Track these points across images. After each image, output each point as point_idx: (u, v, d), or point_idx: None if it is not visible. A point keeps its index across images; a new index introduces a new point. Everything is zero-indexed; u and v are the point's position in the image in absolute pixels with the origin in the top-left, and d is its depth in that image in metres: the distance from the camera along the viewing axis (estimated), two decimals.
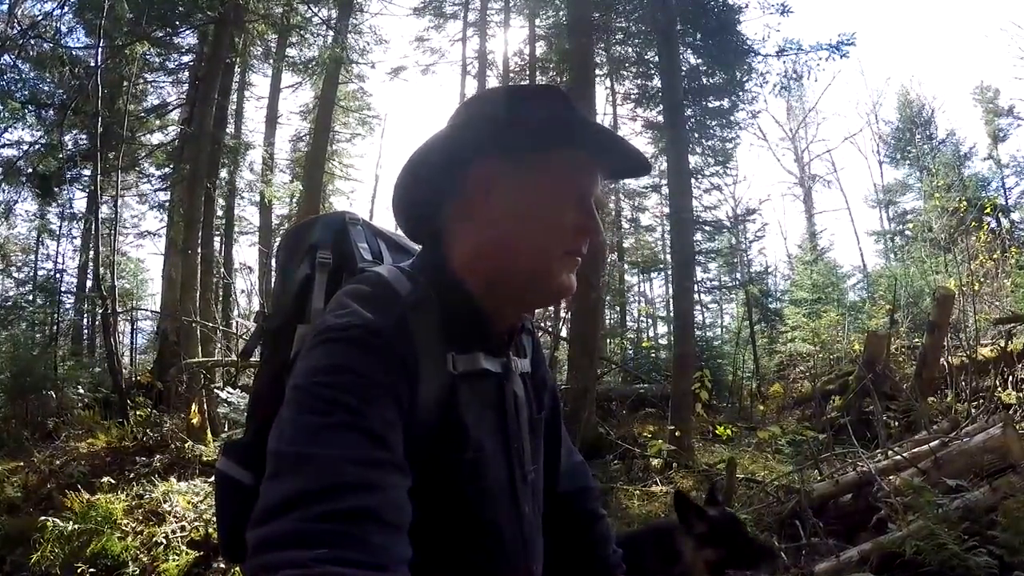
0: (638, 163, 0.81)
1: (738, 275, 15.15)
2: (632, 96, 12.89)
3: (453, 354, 0.71)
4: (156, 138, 11.40)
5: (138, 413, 5.72)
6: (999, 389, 5.13)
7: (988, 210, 12.06)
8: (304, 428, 0.57)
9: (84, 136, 9.76)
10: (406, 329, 0.66)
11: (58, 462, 4.67)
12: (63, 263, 13.49)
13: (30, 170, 8.75)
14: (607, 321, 14.91)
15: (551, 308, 12.09)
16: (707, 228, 13.12)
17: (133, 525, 3.61)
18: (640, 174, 0.87)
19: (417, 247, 0.88)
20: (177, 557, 3.33)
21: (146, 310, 13.75)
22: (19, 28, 7.40)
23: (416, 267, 0.77)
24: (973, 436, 3.35)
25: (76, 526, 3.41)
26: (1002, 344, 5.89)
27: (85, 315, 12.73)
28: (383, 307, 0.67)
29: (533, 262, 0.74)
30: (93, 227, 7.10)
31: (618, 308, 16.35)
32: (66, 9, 7.99)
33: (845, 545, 2.98)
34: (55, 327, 11.45)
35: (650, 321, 18.12)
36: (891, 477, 3.33)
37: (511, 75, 12.88)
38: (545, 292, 0.78)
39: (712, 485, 1.73)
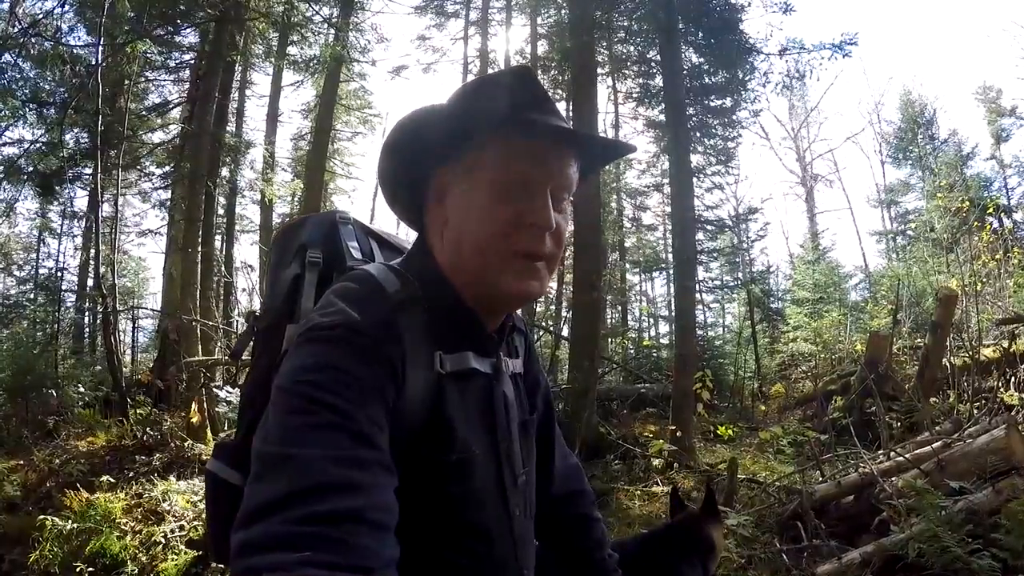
0: (586, 142, 0.76)
1: (740, 274, 15.14)
2: (634, 95, 12.87)
3: (441, 353, 0.70)
4: (157, 136, 11.43)
5: (138, 412, 5.71)
6: (1002, 390, 5.10)
7: (991, 210, 12.00)
8: (288, 429, 0.56)
9: (85, 134, 9.75)
10: (393, 328, 0.65)
11: (58, 461, 4.66)
12: (64, 261, 13.53)
13: (31, 168, 8.76)
14: (608, 321, 14.91)
15: (552, 307, 12.10)
16: (709, 227, 13.12)
17: (132, 524, 3.61)
18: (617, 154, 0.84)
19: (408, 245, 0.87)
20: (176, 556, 3.33)
21: (147, 308, 13.77)
22: (20, 26, 7.38)
23: (405, 265, 0.76)
24: (976, 437, 3.33)
25: (75, 525, 3.40)
26: (1005, 345, 5.86)
27: (86, 313, 12.77)
28: (370, 306, 0.66)
29: (475, 264, 0.72)
30: (94, 225, 7.10)
31: (619, 308, 16.36)
32: (67, 7, 7.97)
33: (847, 547, 2.97)
34: (56, 325, 11.44)
35: (651, 320, 18.12)
36: (893, 478, 3.31)
37: None
38: (494, 297, 0.74)
39: (709, 485, 1.67)
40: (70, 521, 3.43)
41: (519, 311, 0.91)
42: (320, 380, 0.59)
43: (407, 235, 0.95)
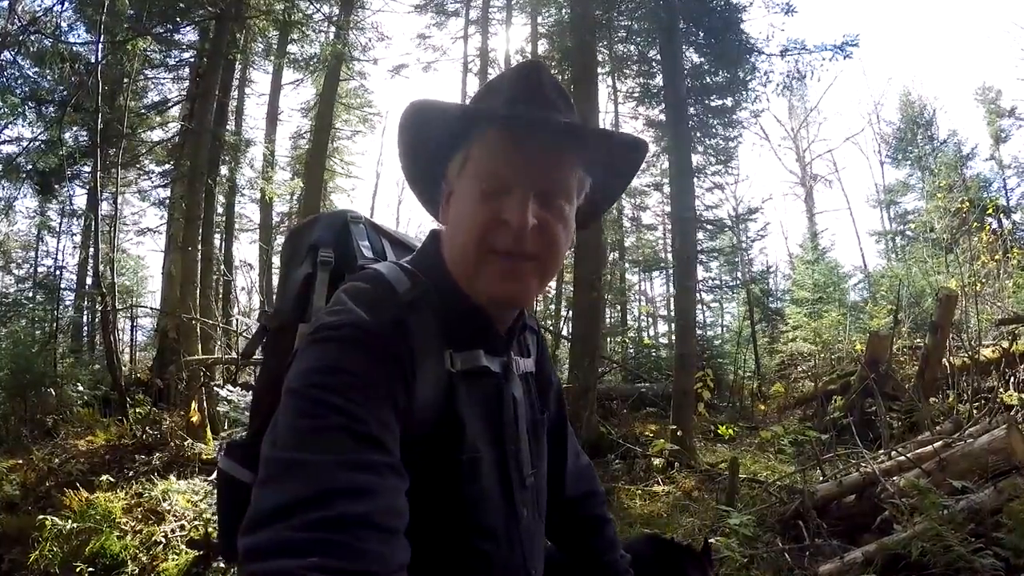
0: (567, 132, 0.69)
1: (739, 274, 15.13)
2: (634, 94, 12.85)
3: (451, 352, 0.70)
4: (156, 135, 11.38)
5: (137, 411, 5.70)
6: (1001, 390, 5.11)
7: (990, 211, 12.02)
8: (296, 432, 0.56)
9: (84, 133, 9.74)
10: (403, 327, 0.65)
11: (57, 460, 4.65)
12: (63, 260, 13.45)
13: (30, 167, 8.72)
14: (608, 320, 14.91)
15: (552, 307, 12.10)
16: (709, 227, 13.12)
17: (132, 524, 3.59)
18: (625, 152, 0.77)
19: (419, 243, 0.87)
20: (176, 556, 3.31)
21: (146, 307, 13.70)
22: (19, 24, 7.36)
23: (416, 264, 0.75)
24: (977, 437, 3.33)
25: (75, 525, 3.38)
26: (1004, 345, 5.86)
27: (85, 312, 12.72)
28: (380, 305, 0.66)
29: (458, 263, 0.72)
30: (93, 224, 7.08)
31: (619, 307, 16.34)
32: (66, 5, 7.93)
33: (849, 546, 2.97)
34: (55, 324, 11.40)
35: (651, 320, 18.13)
36: (895, 478, 3.31)
37: None
38: (478, 296, 0.73)
39: (707, 540, 1.70)
40: (70, 521, 3.40)
41: (529, 310, 0.90)
42: (328, 382, 0.58)
43: (419, 233, 0.96)
